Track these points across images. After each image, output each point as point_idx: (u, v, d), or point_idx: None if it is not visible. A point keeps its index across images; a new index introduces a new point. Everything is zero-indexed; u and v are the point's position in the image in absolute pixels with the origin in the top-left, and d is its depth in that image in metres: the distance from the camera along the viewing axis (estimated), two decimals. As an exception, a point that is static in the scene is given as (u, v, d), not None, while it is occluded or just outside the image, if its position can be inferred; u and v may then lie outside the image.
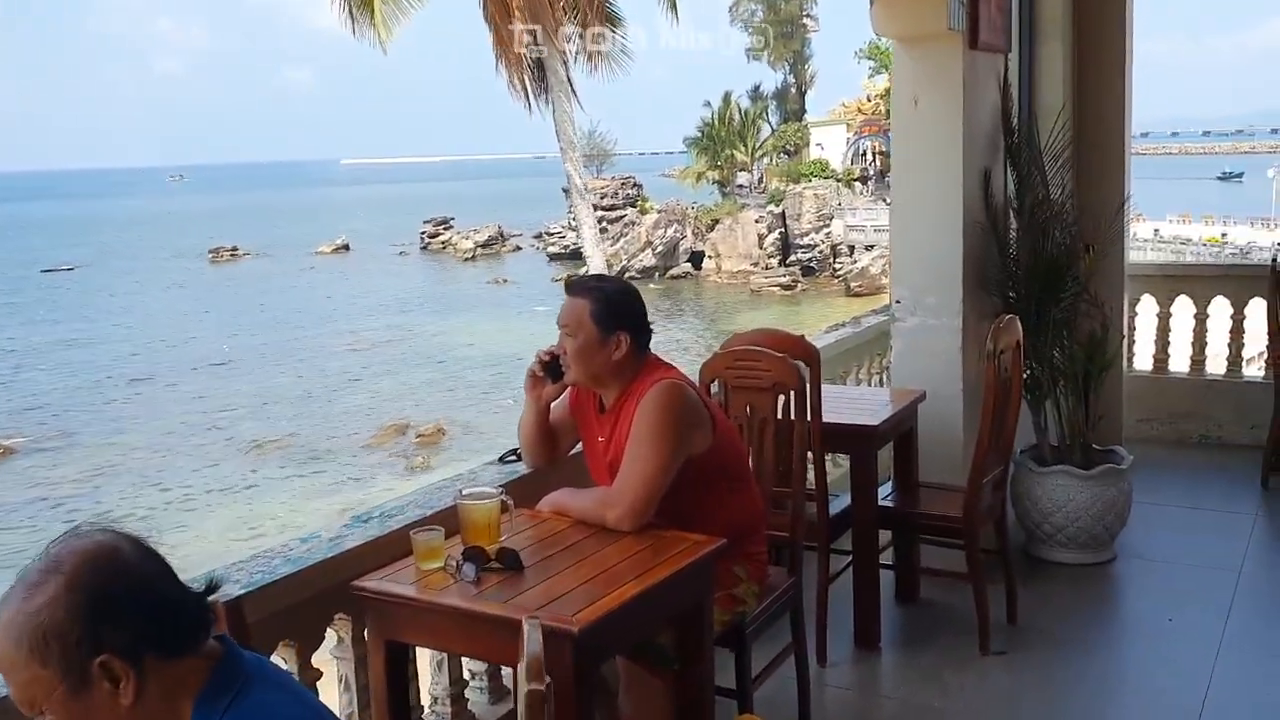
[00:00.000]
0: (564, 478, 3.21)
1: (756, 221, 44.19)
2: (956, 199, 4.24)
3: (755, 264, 43.41)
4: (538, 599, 2.39)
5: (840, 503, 3.92)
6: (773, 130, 50.51)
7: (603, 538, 2.74)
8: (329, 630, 2.72)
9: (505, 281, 46.23)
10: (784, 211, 44.05)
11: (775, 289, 41.49)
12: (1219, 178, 79.12)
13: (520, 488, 3.13)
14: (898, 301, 4.42)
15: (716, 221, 45.35)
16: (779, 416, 3.46)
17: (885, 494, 4.07)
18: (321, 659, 2.73)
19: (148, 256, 59.89)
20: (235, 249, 59.94)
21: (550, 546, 2.71)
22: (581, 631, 2.24)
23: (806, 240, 43.48)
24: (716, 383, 3.51)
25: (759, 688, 3.14)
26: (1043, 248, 4.53)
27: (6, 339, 36.96)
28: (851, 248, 42.61)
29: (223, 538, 19.45)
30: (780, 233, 43.89)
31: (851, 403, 4.10)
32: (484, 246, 55.63)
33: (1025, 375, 4.23)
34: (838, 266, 42.44)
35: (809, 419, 3.40)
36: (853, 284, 40.58)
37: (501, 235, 57.33)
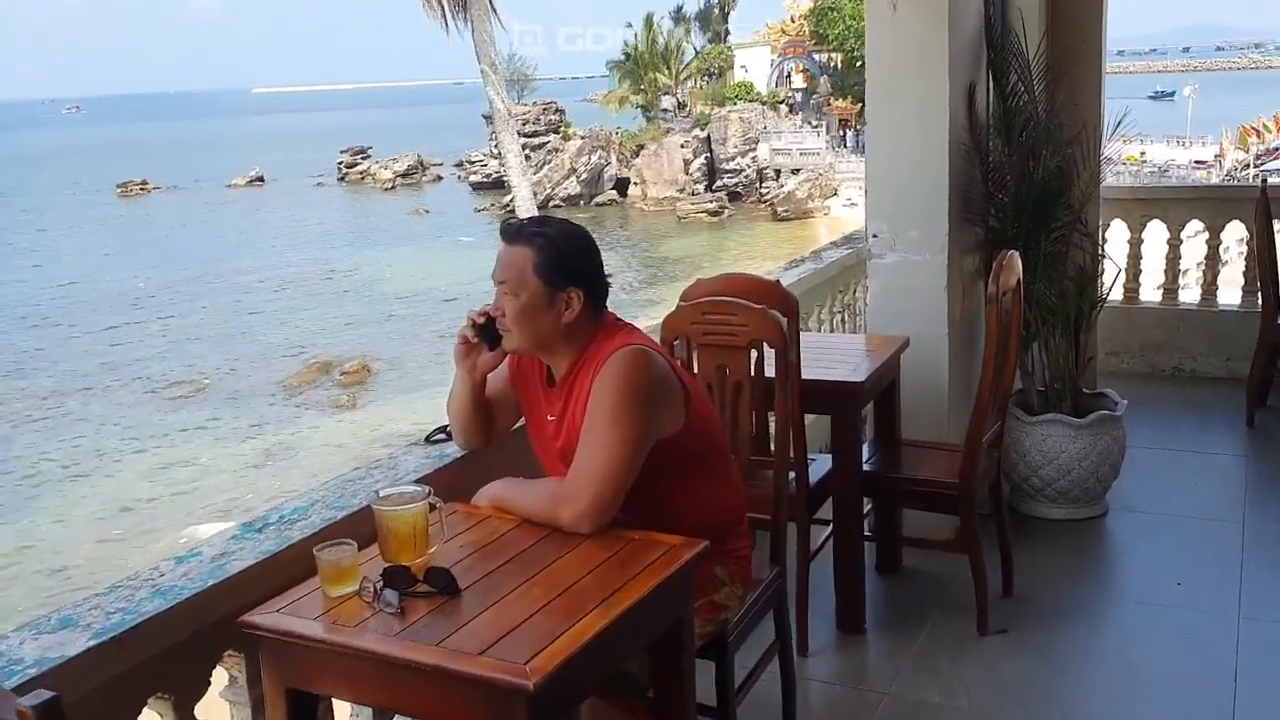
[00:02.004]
0: (504, 459, 2.68)
1: (682, 146, 43.46)
2: (942, 118, 3.73)
3: (681, 190, 42.77)
4: (480, 637, 1.86)
5: (817, 468, 3.45)
6: (696, 53, 49.47)
7: (557, 543, 2.22)
8: (218, 668, 2.18)
9: (426, 212, 45.05)
10: (709, 136, 43.35)
11: (702, 215, 40.97)
12: (1151, 96, 79.18)
13: (452, 475, 2.61)
14: (874, 236, 3.91)
15: (641, 147, 44.53)
16: (752, 375, 2.95)
17: (865, 456, 3.60)
18: (210, 701, 2.20)
19: (52, 192, 57.45)
20: (145, 183, 57.70)
21: (492, 557, 2.19)
22: (538, 686, 1.73)
23: (732, 165, 42.92)
24: (680, 341, 2.98)
25: (742, 700, 2.67)
26: (1033, 172, 4.04)
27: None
28: (778, 172, 42.21)
29: (139, 485, 18.69)
30: (706, 157, 43.25)
31: (825, 353, 3.60)
32: (404, 176, 54.19)
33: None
34: (764, 191, 42.02)
35: (790, 379, 2.90)
36: (779, 209, 40.24)
37: (421, 164, 55.85)
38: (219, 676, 2.18)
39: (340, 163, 57.36)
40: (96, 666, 1.83)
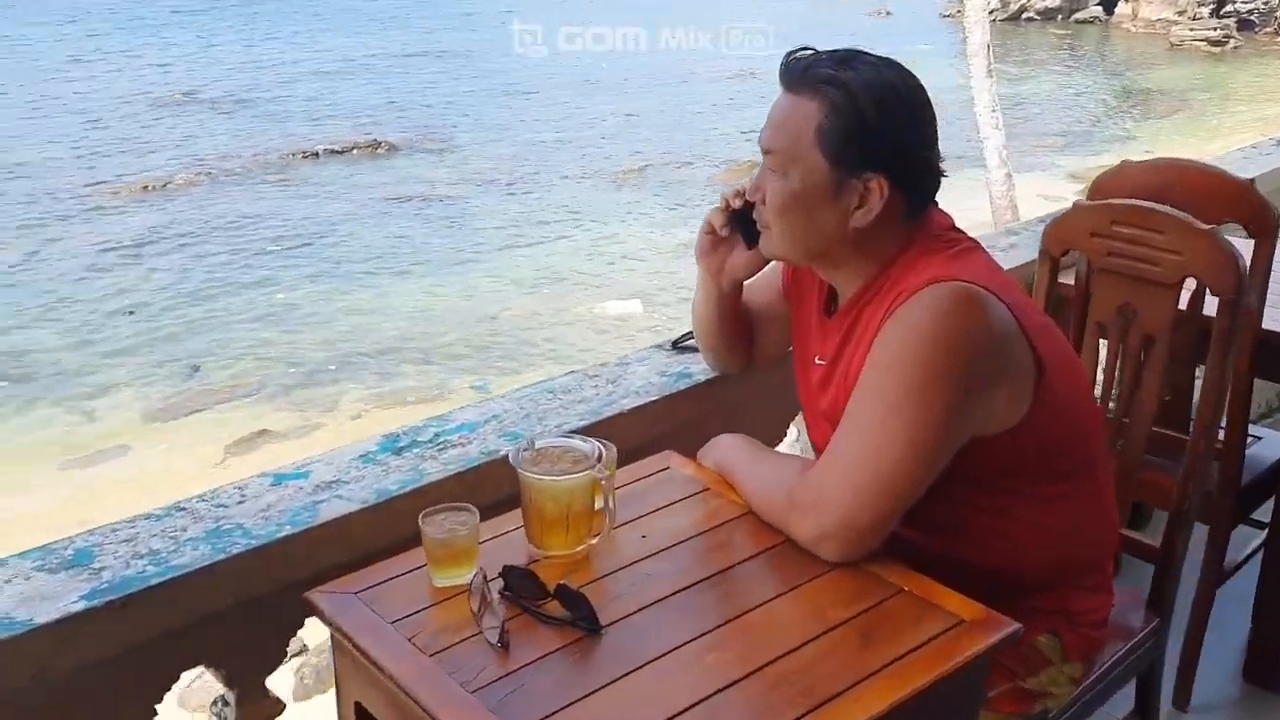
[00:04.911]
0: (775, 391, 1.92)
1: (1192, -39, 37.76)
2: None
3: (1181, 12, 37.36)
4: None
5: (1257, 452, 2.38)
6: None
7: (785, 565, 1.45)
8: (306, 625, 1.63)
9: (888, 14, 42.64)
10: (1228, -50, 37.28)
11: (1200, 44, 35.65)
12: None
13: (692, 404, 1.89)
14: None
15: (1142, -41, 39.19)
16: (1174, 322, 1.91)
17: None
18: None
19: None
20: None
21: (680, 570, 1.45)
22: None
23: (1252, -13, 36.82)
24: (1072, 256, 1.99)
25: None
26: None
27: (399, 42, 38.47)
28: (1309, 0, 35.73)
29: (570, 257, 19.45)
30: (1219, -24, 37.36)
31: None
32: (873, -31, 51.52)
33: None
34: (1287, 21, 35.85)
35: (1239, 335, 1.85)
36: (1302, 44, 34.25)
37: (892, -39, 52.74)
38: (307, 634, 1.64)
39: (811, -47, 55.40)
40: (84, 636, 1.32)
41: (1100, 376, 1.98)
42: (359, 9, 44.87)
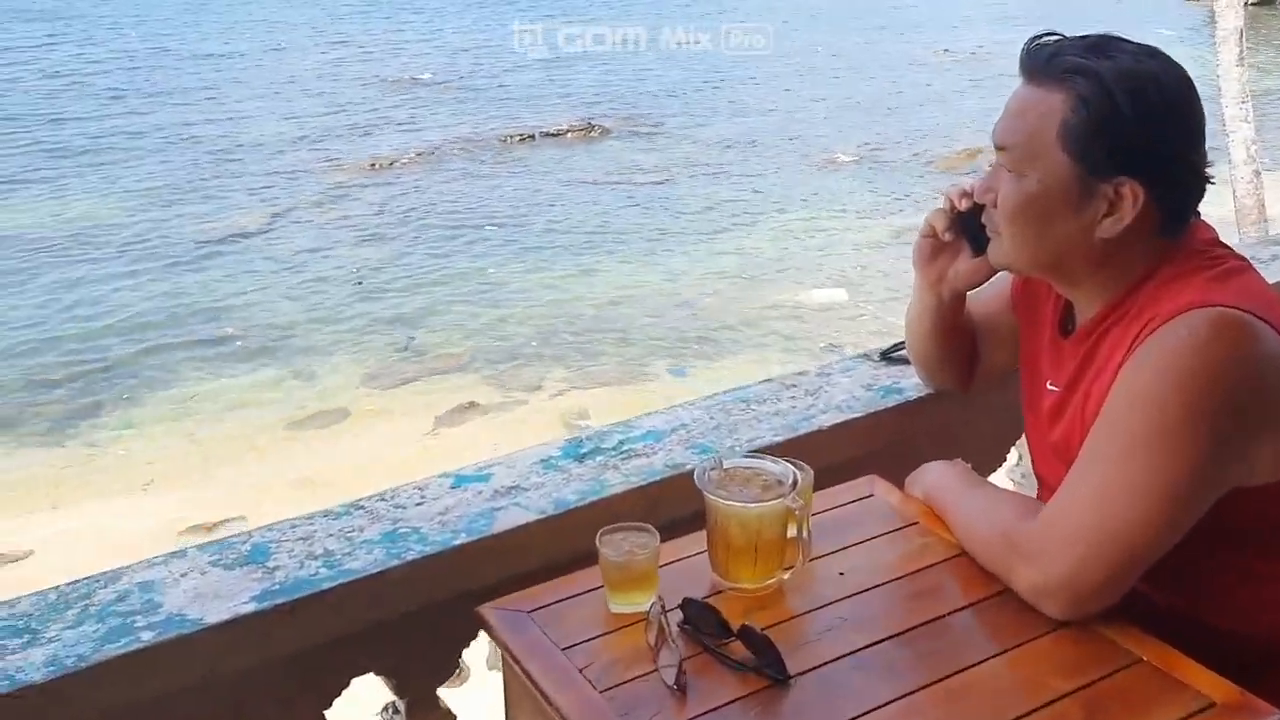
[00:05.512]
0: (997, 413, 1.74)
1: None
2: None
3: None
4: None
5: None
6: None
7: (1001, 624, 1.28)
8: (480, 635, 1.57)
9: (1129, -4, 40.33)
10: None
11: None
12: None
13: (900, 423, 1.73)
14: None
15: None
16: None
17: None
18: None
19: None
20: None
21: (881, 616, 1.30)
22: None
23: None
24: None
25: None
26: None
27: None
28: None
29: (771, 243, 19.25)
30: None
31: None
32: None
33: None
34: None
35: None
36: None
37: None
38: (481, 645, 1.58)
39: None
40: (253, 638, 1.29)
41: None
42: (585, -5, 45.76)
